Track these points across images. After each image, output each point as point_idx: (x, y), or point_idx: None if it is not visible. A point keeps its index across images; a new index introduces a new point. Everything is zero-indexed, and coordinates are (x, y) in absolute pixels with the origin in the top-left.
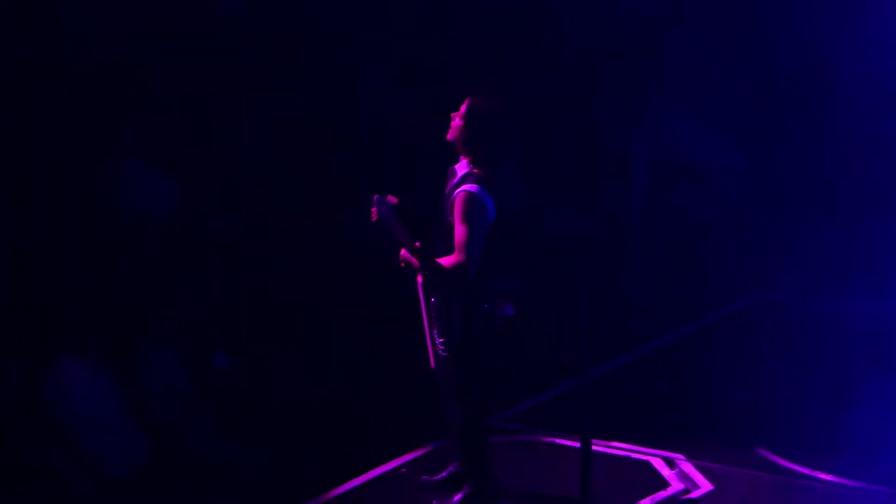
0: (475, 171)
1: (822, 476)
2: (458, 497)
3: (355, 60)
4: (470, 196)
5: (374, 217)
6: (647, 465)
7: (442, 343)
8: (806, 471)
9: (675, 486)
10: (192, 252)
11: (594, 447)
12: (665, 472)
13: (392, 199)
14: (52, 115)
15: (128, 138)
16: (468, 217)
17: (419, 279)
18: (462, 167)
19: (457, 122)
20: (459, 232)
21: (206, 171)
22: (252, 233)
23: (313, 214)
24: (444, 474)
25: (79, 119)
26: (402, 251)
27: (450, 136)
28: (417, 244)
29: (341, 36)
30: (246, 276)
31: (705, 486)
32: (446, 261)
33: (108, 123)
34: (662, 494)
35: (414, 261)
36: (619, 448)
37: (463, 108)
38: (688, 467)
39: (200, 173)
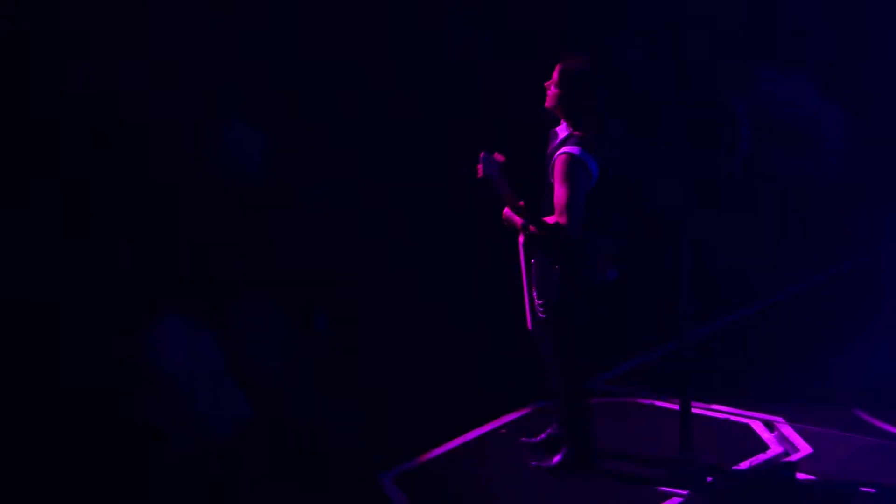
0: (576, 133)
1: None
2: (557, 458)
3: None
4: (570, 157)
5: (480, 174)
6: (747, 427)
7: (541, 304)
8: None
9: (775, 448)
10: (295, 212)
11: (693, 409)
12: (764, 434)
13: (499, 156)
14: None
15: (228, 101)
16: (568, 178)
17: (521, 239)
18: (563, 129)
19: (552, 89)
20: (559, 194)
21: (310, 133)
22: (358, 194)
23: (420, 176)
24: (543, 436)
25: (176, 83)
26: (505, 210)
27: (547, 103)
28: (521, 203)
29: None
30: (349, 236)
31: (805, 448)
32: (547, 222)
33: (209, 87)
34: (762, 457)
35: (517, 219)
36: (718, 410)
37: (555, 74)
38: (787, 430)
39: (305, 134)
